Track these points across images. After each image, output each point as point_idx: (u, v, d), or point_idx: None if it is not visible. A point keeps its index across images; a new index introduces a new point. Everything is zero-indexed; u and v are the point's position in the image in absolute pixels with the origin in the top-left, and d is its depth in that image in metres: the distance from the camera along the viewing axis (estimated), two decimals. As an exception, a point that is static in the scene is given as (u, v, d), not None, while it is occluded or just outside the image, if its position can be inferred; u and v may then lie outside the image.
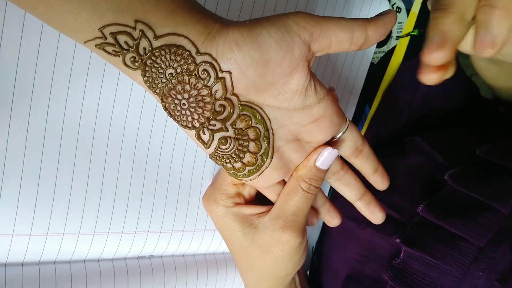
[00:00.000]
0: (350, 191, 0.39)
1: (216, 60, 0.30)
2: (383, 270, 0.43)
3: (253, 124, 0.33)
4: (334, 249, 0.50)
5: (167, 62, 0.30)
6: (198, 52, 0.30)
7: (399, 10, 0.51)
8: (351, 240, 0.43)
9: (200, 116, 0.32)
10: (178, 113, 0.32)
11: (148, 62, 0.30)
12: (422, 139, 0.49)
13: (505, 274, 0.36)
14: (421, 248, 0.40)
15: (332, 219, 0.41)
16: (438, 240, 0.40)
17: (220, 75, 0.31)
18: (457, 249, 0.39)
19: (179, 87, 0.31)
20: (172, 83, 0.31)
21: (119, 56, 0.29)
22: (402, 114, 0.54)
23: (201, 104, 0.31)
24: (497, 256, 0.37)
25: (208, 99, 0.31)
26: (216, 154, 0.33)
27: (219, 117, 0.32)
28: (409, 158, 0.49)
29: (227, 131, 0.33)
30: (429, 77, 0.32)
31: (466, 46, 0.34)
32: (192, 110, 0.32)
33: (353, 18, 0.31)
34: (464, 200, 0.42)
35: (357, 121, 0.54)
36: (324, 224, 0.53)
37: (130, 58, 0.29)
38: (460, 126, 0.51)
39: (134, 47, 0.29)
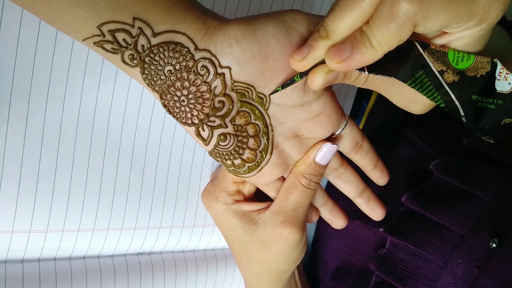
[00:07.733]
0: (350, 187, 0.39)
1: (215, 56, 0.30)
2: (371, 261, 0.43)
3: (252, 121, 0.33)
4: (323, 241, 0.51)
5: (165, 59, 0.30)
6: (196, 48, 0.30)
7: None
8: (339, 232, 0.43)
9: (199, 112, 0.32)
10: (177, 110, 0.32)
11: (147, 59, 0.30)
12: (411, 130, 0.49)
13: (483, 260, 0.36)
14: (403, 236, 0.40)
15: (336, 220, 0.41)
16: (421, 228, 0.40)
17: (219, 70, 0.31)
18: (439, 237, 0.39)
19: (178, 84, 0.31)
20: (171, 80, 0.31)
21: (117, 54, 0.29)
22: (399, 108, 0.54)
23: (200, 100, 0.31)
24: (476, 243, 0.37)
25: (207, 95, 0.31)
26: (216, 151, 0.33)
27: (218, 114, 0.32)
28: (398, 149, 0.49)
29: (227, 127, 0.33)
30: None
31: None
32: (191, 106, 0.32)
33: None
34: (448, 189, 0.42)
35: (354, 116, 0.54)
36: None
37: (128, 56, 0.29)
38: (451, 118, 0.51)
39: (132, 45, 0.29)
